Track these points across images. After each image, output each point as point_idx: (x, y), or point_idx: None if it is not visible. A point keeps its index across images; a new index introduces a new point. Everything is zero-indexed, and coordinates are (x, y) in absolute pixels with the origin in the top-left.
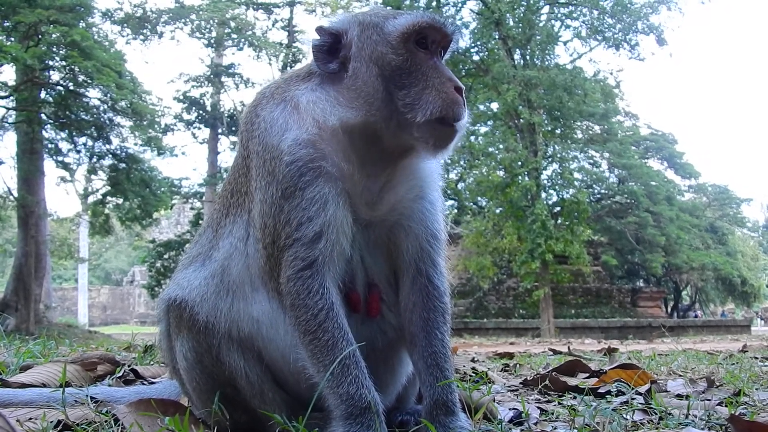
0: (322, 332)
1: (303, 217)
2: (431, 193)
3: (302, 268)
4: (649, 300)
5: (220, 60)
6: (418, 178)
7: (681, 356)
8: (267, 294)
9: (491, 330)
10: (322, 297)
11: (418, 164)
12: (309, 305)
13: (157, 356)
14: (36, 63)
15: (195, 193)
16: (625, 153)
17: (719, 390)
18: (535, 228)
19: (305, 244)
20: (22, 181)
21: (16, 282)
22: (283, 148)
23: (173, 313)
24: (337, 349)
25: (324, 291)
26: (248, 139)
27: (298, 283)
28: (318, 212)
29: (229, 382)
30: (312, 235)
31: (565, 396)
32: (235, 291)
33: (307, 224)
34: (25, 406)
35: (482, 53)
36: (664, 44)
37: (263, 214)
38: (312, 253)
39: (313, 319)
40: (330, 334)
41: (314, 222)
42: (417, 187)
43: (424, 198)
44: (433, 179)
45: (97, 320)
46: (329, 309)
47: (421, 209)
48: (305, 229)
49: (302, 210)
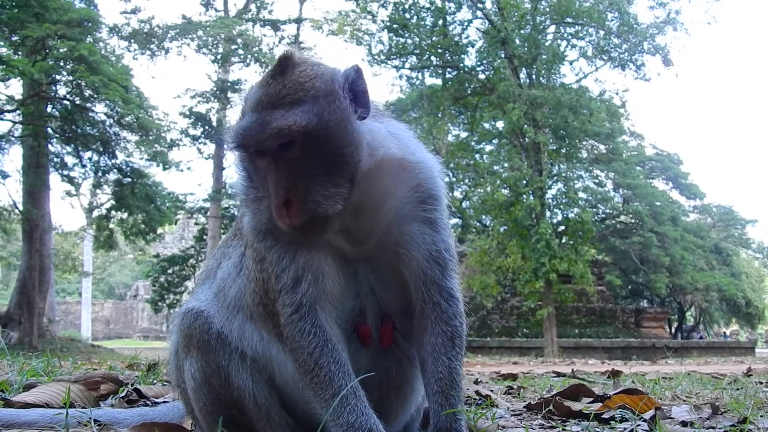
0: (318, 369)
1: (278, 270)
2: (428, 208)
3: (291, 313)
4: (653, 320)
5: (226, 76)
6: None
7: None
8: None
9: (494, 349)
10: (315, 336)
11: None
12: (303, 346)
13: (160, 375)
14: (43, 77)
15: (200, 209)
16: (630, 173)
17: (724, 417)
18: (540, 247)
19: (287, 292)
20: (28, 194)
21: (20, 295)
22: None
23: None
24: (335, 383)
25: (317, 330)
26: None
27: (291, 327)
28: (289, 263)
29: (236, 404)
30: (291, 282)
31: (569, 422)
32: (238, 311)
33: (282, 274)
34: (29, 427)
35: (488, 72)
36: (670, 65)
37: (252, 269)
38: (295, 297)
39: (309, 358)
40: (326, 369)
41: (288, 270)
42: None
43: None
44: (425, 188)
45: (100, 334)
46: (323, 346)
47: (417, 230)
48: (283, 278)
49: (275, 265)
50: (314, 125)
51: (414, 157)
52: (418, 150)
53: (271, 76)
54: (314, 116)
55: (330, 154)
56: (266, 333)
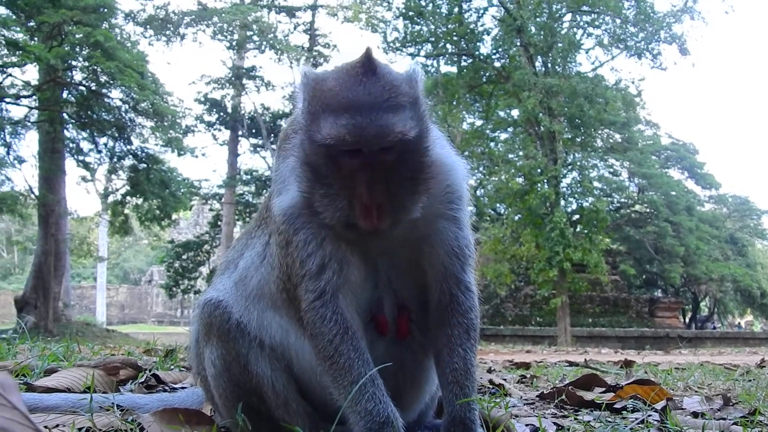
0: (338, 356)
1: (304, 255)
2: (454, 207)
3: (313, 299)
4: (667, 310)
5: (241, 62)
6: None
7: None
8: (285, 315)
9: (508, 337)
10: (336, 323)
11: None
12: (324, 332)
13: (177, 360)
14: (59, 63)
15: (214, 195)
16: (646, 162)
17: (735, 408)
18: (554, 236)
19: (312, 278)
20: (44, 179)
21: (36, 279)
22: (279, 210)
23: (206, 312)
24: (354, 370)
25: (337, 318)
26: (273, 175)
27: (312, 313)
28: (315, 249)
29: (255, 391)
30: (315, 268)
31: (581, 411)
32: (258, 300)
33: (308, 260)
34: (51, 411)
35: (503, 60)
36: (687, 54)
37: (277, 254)
38: (319, 284)
39: (329, 345)
40: (346, 356)
41: (314, 256)
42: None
43: (443, 216)
44: (453, 189)
45: (115, 319)
46: (344, 333)
47: (442, 227)
48: (308, 264)
49: (301, 250)
50: (416, 132)
51: (449, 159)
52: (450, 152)
53: (362, 74)
54: (416, 122)
55: (417, 160)
56: (287, 320)
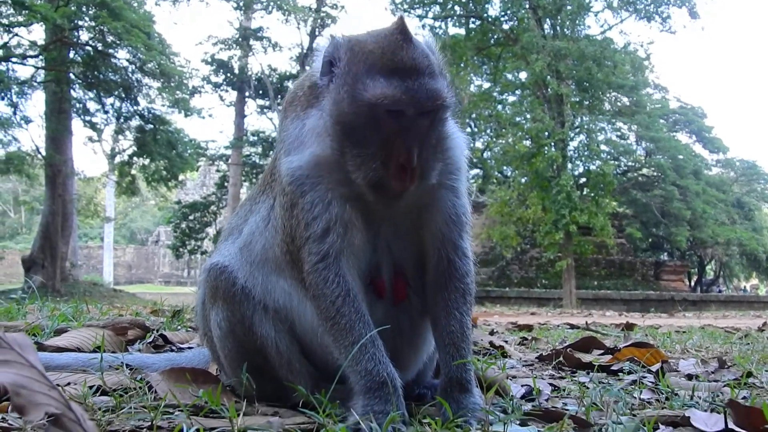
0: (340, 317)
1: (309, 217)
2: (453, 178)
3: (317, 261)
4: (673, 274)
5: (248, 23)
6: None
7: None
8: (289, 277)
9: (513, 299)
10: (339, 285)
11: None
12: (326, 294)
13: (184, 321)
14: (65, 23)
15: (221, 156)
16: (653, 126)
17: (729, 371)
18: (560, 199)
19: (316, 240)
20: (50, 140)
21: (43, 240)
22: (287, 171)
23: (212, 277)
24: (355, 331)
25: (340, 280)
26: (280, 136)
27: (315, 275)
28: (321, 212)
29: (259, 352)
30: (320, 231)
31: (578, 373)
32: (263, 264)
33: (313, 223)
34: (62, 370)
35: (512, 22)
36: (696, 17)
37: (281, 216)
38: (323, 247)
39: (331, 306)
40: (347, 317)
41: (320, 219)
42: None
43: (442, 185)
44: (454, 161)
45: (122, 279)
46: (345, 295)
47: (441, 196)
48: (313, 227)
49: (306, 212)
50: (451, 99)
51: (450, 130)
52: (453, 124)
53: (402, 41)
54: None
55: (442, 129)
56: (290, 283)
